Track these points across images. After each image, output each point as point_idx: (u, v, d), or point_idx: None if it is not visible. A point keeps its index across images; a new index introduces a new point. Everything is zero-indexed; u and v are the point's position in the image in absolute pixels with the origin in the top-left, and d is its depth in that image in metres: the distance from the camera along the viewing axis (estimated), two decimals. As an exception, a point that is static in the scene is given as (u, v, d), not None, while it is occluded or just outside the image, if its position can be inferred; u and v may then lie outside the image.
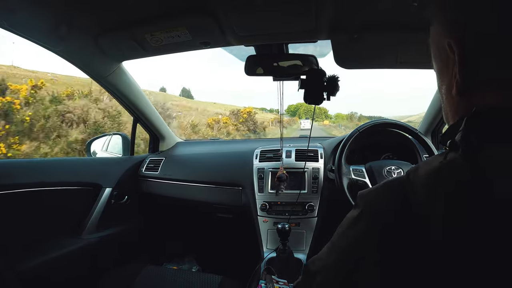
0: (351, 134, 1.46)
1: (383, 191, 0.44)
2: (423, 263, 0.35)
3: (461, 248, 0.33)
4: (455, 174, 0.36)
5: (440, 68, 0.47)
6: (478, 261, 0.32)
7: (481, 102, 0.40)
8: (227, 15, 1.06)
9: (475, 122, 0.38)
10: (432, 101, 1.70)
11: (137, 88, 1.74)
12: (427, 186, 0.37)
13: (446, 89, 0.46)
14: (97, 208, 1.64)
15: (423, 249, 0.35)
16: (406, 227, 0.37)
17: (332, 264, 0.47)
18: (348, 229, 0.46)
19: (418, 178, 0.39)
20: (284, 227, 1.35)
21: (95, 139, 2.21)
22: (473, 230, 0.32)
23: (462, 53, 0.40)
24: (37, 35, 1.16)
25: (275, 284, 1.02)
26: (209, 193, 1.81)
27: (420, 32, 1.09)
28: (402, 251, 0.37)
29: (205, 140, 2.65)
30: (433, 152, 1.37)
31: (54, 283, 1.35)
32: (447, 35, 0.42)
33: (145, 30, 1.16)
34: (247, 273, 1.40)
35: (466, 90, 0.41)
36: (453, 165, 0.37)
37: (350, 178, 1.37)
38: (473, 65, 0.40)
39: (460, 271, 0.33)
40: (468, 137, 0.37)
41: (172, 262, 2.06)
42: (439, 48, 0.45)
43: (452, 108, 0.46)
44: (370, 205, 0.44)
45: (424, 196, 0.37)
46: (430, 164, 0.39)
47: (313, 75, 1.20)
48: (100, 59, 1.41)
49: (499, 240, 0.31)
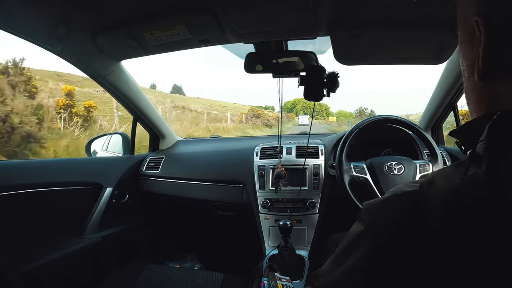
0: (351, 131, 1.45)
1: (390, 204, 0.41)
2: (436, 279, 0.34)
3: (478, 265, 0.31)
4: (479, 193, 0.33)
5: (464, 48, 0.43)
6: (499, 279, 0.30)
7: (506, 96, 0.36)
8: (226, 13, 1.05)
9: (499, 129, 0.35)
10: (432, 96, 1.70)
11: (136, 87, 1.74)
12: (446, 205, 0.34)
13: (468, 72, 0.42)
14: (99, 208, 1.64)
15: (436, 264, 0.34)
16: (417, 242, 0.35)
17: (336, 281, 0.46)
18: (352, 245, 0.44)
19: (434, 194, 0.36)
20: (286, 224, 1.36)
21: (95, 139, 2.21)
22: (490, 248, 0.31)
23: (489, 33, 0.36)
24: (36, 35, 1.15)
25: (278, 281, 1.02)
26: (210, 191, 1.81)
27: (419, 28, 1.10)
28: (413, 265, 0.35)
29: (205, 138, 2.65)
30: (433, 147, 1.37)
31: (57, 283, 1.35)
32: (475, 12, 0.38)
33: (144, 29, 1.16)
34: (249, 270, 1.41)
35: (488, 76, 0.38)
36: (476, 182, 0.33)
37: (351, 175, 1.37)
38: (499, 48, 0.36)
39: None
40: (493, 150, 0.34)
41: (174, 260, 2.06)
42: (465, 25, 0.41)
43: (474, 94, 0.42)
44: (376, 220, 0.42)
45: (441, 213, 0.34)
46: (449, 180, 0.36)
47: (312, 72, 1.20)
48: (99, 58, 1.41)
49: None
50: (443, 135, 1.83)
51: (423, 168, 1.32)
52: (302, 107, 28.05)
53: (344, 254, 0.45)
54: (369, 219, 0.43)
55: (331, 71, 1.16)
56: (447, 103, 1.66)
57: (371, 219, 0.43)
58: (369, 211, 0.44)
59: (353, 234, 0.45)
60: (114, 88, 1.63)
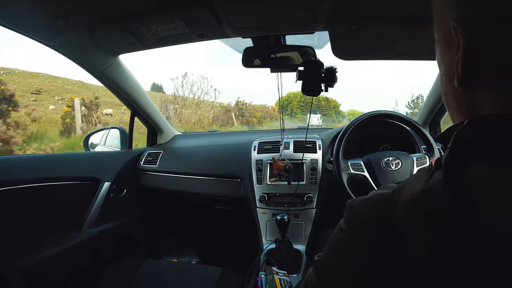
0: (346, 128, 1.45)
1: (368, 205, 0.43)
2: (403, 279, 0.35)
3: (438, 269, 0.32)
4: (436, 199, 0.34)
5: (442, 51, 0.42)
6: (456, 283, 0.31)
7: (487, 102, 0.36)
8: (224, 7, 1.05)
9: (463, 136, 0.36)
10: (431, 92, 1.70)
11: (134, 82, 1.73)
12: (409, 209, 0.36)
13: (446, 77, 0.42)
14: (97, 202, 1.64)
15: (402, 265, 0.35)
16: (387, 243, 0.37)
17: (328, 268, 0.48)
18: (336, 239, 0.47)
19: (402, 197, 0.38)
20: (283, 218, 1.36)
21: (93, 133, 2.21)
22: (450, 260, 0.32)
23: (468, 40, 0.36)
24: (33, 30, 1.14)
25: (275, 276, 1.03)
26: (207, 185, 1.81)
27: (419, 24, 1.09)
28: (382, 266, 0.37)
29: (203, 133, 2.65)
30: (430, 142, 1.37)
31: (56, 278, 1.36)
32: (454, 17, 0.37)
33: (141, 23, 1.15)
34: (246, 264, 1.42)
35: (468, 82, 0.37)
36: (435, 189, 0.35)
37: (349, 173, 1.37)
38: (477, 55, 0.36)
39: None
40: (452, 157, 0.35)
41: (172, 255, 2.07)
42: (443, 30, 0.41)
43: (454, 100, 0.42)
44: (355, 218, 0.44)
45: (405, 216, 0.36)
46: (414, 186, 0.38)
47: (310, 67, 1.20)
48: (97, 53, 1.40)
49: (475, 262, 0.30)
50: (441, 131, 1.84)
51: (420, 161, 1.33)
52: (299, 102, 26.79)
53: (331, 245, 0.48)
54: (349, 217, 0.45)
55: (329, 66, 1.16)
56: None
57: (351, 217, 0.45)
58: (351, 210, 0.45)
59: (338, 226, 0.47)
60: (111, 82, 1.62)
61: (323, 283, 0.47)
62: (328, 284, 0.46)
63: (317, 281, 0.48)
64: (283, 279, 1.03)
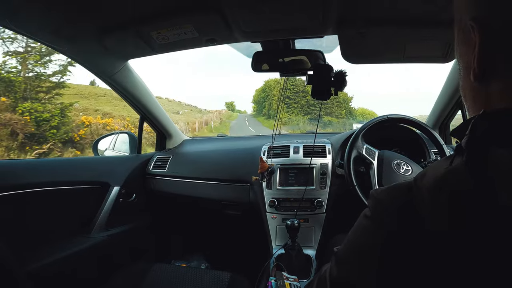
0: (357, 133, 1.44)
1: (391, 192, 0.44)
2: (425, 266, 0.36)
3: (461, 253, 0.33)
4: (460, 179, 0.35)
5: (461, 47, 0.45)
6: (477, 266, 0.32)
7: (500, 96, 0.38)
8: (234, 11, 1.05)
9: (480, 124, 0.37)
10: (440, 95, 1.69)
11: (143, 86, 1.74)
12: (433, 192, 0.37)
13: (464, 72, 0.45)
14: (106, 207, 1.64)
15: (425, 251, 0.36)
16: (409, 230, 0.38)
17: (352, 257, 0.47)
18: (360, 226, 0.47)
19: (424, 183, 0.39)
20: (293, 223, 1.36)
21: (102, 138, 2.22)
22: (473, 236, 0.32)
23: (482, 35, 0.38)
24: (43, 35, 1.16)
25: (285, 281, 1.02)
26: (217, 190, 1.81)
27: (427, 27, 1.09)
28: (404, 253, 0.38)
29: (212, 137, 2.65)
30: (441, 145, 1.36)
31: (64, 282, 1.36)
32: (471, 15, 0.39)
33: (151, 28, 1.16)
34: (256, 269, 1.40)
35: (483, 77, 0.39)
36: (459, 170, 0.36)
37: (361, 153, 1.37)
38: (492, 53, 0.38)
39: (459, 276, 0.33)
40: (473, 142, 0.37)
41: (181, 259, 2.07)
42: (462, 26, 0.43)
43: (470, 94, 0.44)
44: (378, 205, 0.45)
45: (429, 201, 0.37)
46: (437, 170, 0.39)
47: (320, 70, 1.20)
48: (106, 57, 1.42)
49: (498, 246, 0.31)
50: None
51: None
52: (282, 97, 21.80)
53: (353, 234, 0.48)
54: (373, 205, 0.46)
55: (338, 69, 1.16)
56: (455, 102, 1.64)
57: (375, 204, 0.45)
58: (374, 197, 0.46)
59: (361, 216, 0.48)
60: (120, 87, 1.64)
61: (345, 272, 0.47)
62: (351, 273, 0.46)
63: (338, 272, 0.47)
64: (293, 284, 1.02)
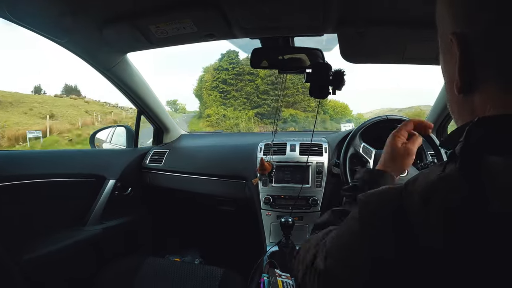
0: (354, 132, 1.44)
1: (380, 198, 0.44)
2: (413, 271, 0.35)
3: (451, 259, 0.33)
4: (453, 186, 0.35)
5: (444, 61, 0.46)
6: (467, 274, 0.32)
7: (484, 106, 0.39)
8: (234, 7, 1.04)
9: (474, 132, 0.37)
10: (439, 96, 1.69)
11: (141, 80, 1.74)
12: (423, 198, 0.36)
13: (448, 85, 0.45)
14: (101, 200, 1.64)
15: (413, 256, 0.35)
16: (399, 235, 0.37)
17: (337, 256, 0.47)
18: (346, 229, 0.47)
19: (416, 189, 0.38)
20: (288, 221, 1.36)
21: (99, 131, 2.21)
22: (464, 243, 0.32)
23: (462, 50, 0.39)
24: (42, 26, 1.15)
25: (278, 278, 1.03)
26: (212, 185, 1.81)
27: (427, 28, 1.08)
28: (393, 257, 0.37)
29: (209, 133, 2.65)
30: (437, 147, 1.36)
31: (58, 274, 1.36)
32: (451, 29, 0.40)
33: (150, 22, 1.15)
34: (249, 266, 1.41)
35: (466, 90, 0.40)
36: (451, 178, 0.36)
37: (358, 151, 1.38)
38: (472, 65, 0.39)
39: (449, 283, 0.33)
40: (468, 149, 0.36)
41: (175, 254, 2.07)
42: (444, 42, 0.44)
43: (456, 107, 0.45)
44: (366, 209, 0.44)
45: (420, 207, 0.36)
46: (428, 177, 0.38)
47: (319, 69, 1.19)
48: (105, 50, 1.41)
49: (489, 253, 0.31)
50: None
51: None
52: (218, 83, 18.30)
53: (340, 234, 0.49)
54: (360, 208, 0.45)
55: (337, 68, 1.15)
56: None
57: (363, 208, 0.45)
58: (363, 201, 0.45)
59: (349, 218, 0.48)
60: (119, 80, 1.63)
61: (331, 269, 0.47)
62: (337, 270, 0.46)
63: (325, 266, 0.47)
64: (286, 282, 1.03)
